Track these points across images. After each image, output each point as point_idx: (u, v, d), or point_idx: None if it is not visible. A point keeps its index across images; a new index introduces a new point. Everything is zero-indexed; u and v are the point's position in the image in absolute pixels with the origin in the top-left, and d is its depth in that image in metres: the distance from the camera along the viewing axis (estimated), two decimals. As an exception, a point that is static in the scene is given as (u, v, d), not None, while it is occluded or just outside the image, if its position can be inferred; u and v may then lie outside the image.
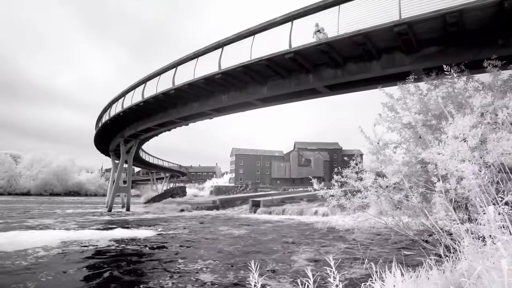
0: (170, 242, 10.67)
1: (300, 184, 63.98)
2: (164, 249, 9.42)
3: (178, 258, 8.14)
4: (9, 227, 13.91)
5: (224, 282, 5.83)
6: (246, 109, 16.87)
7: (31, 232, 12.28)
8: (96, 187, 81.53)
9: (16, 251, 8.49)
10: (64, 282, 5.86)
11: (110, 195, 29.19)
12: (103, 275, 6.36)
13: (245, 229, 14.23)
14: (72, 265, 7.18)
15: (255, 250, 9.01)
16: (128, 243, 10.26)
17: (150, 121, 21.04)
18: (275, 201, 26.51)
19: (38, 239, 10.50)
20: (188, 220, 18.95)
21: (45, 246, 9.35)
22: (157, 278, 6.07)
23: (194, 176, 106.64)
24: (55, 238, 10.82)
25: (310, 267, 1.48)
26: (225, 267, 7.01)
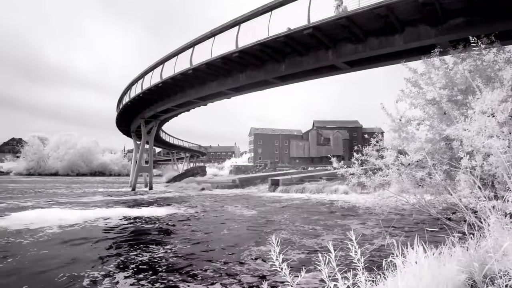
0: (193, 220, 10.97)
1: (319, 163, 63.79)
2: (188, 226, 9.71)
3: (202, 234, 8.37)
4: (44, 205, 14.68)
5: (246, 254, 5.99)
6: (264, 87, 16.72)
7: (62, 210, 12.93)
8: (119, 167, 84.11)
9: (49, 226, 8.98)
10: (93, 253, 6.18)
11: (133, 175, 30.10)
12: (126, 247, 6.66)
13: (265, 207, 14.41)
14: (100, 239, 7.54)
15: (276, 227, 9.14)
16: (151, 221, 10.62)
17: (169, 102, 21.25)
18: (294, 179, 26.60)
19: (69, 216, 11.06)
20: (209, 198, 19.36)
21: (76, 222, 9.83)
22: (179, 252, 6.32)
23: (214, 156, 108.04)
24: (84, 215, 11.36)
25: (331, 242, 1.49)
26: (248, 241, 7.18)
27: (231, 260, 5.77)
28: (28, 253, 6.26)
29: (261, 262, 5.61)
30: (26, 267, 5.34)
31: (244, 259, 5.83)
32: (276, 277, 4.69)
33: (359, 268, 1.53)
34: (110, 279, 4.82)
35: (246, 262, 5.66)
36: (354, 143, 68.55)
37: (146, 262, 5.69)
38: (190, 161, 70.86)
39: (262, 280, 4.69)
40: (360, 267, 1.52)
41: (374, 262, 1.98)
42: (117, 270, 5.26)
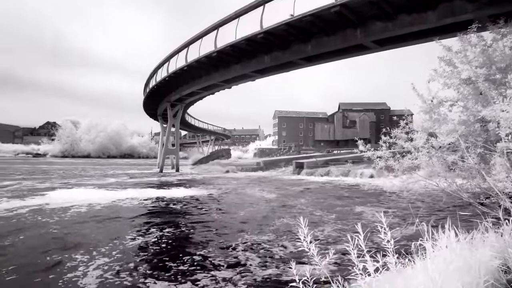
0: (213, 201, 11.21)
1: (345, 146, 62.78)
2: (207, 207, 9.93)
3: (219, 215, 8.55)
4: (77, 185, 15.49)
5: (273, 234, 6.08)
6: (289, 69, 16.46)
7: (93, 190, 13.60)
8: (147, 150, 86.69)
9: (81, 205, 9.49)
10: (125, 228, 6.50)
11: (160, 157, 30.96)
12: (156, 224, 6.95)
13: (287, 189, 14.46)
14: (133, 217, 7.89)
15: (301, 208, 9.17)
16: (174, 201, 10.96)
17: (194, 85, 21.42)
18: (319, 163, 26.40)
19: (100, 196, 11.64)
20: (233, 181, 19.65)
21: (106, 202, 10.32)
22: (205, 228, 6.51)
23: (238, 139, 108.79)
24: (113, 196, 11.89)
25: (359, 224, 1.48)
26: (274, 221, 7.27)
27: (238, 242, 5.87)
28: (66, 226, 6.68)
29: (267, 246, 5.68)
30: (69, 237, 5.72)
31: (251, 242, 5.92)
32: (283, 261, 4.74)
33: (389, 250, 1.51)
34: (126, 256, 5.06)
35: (252, 245, 5.75)
36: (382, 125, 66.41)
37: (162, 240, 5.92)
38: (215, 144, 71.83)
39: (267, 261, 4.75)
40: (390, 249, 1.51)
41: (402, 246, 1.96)
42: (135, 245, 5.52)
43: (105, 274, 4.22)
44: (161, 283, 3.93)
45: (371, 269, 1.44)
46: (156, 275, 4.22)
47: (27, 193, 12.23)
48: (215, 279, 4.09)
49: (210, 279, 4.07)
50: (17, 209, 8.84)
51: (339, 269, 4.07)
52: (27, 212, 8.41)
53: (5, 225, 6.93)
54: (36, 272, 4.24)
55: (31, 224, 7.13)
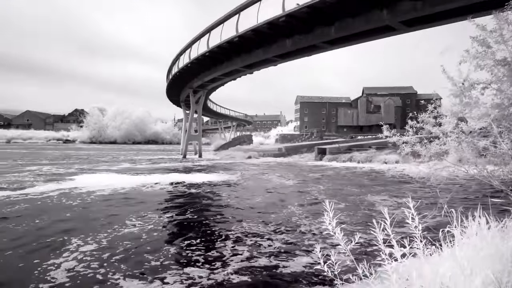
0: (233, 186, 11.34)
1: (368, 132, 61.52)
2: (226, 192, 10.06)
3: (235, 201, 8.65)
4: (104, 170, 16.10)
5: (298, 218, 6.12)
6: (312, 53, 16.13)
7: (118, 175, 14.07)
8: (170, 136, 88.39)
9: (106, 189, 9.87)
10: (154, 208, 6.74)
11: (183, 143, 31.51)
12: (182, 206, 7.14)
13: (308, 175, 14.39)
14: (161, 200, 8.15)
15: (314, 196, 9.13)
16: (195, 186, 11.18)
17: (215, 71, 21.44)
18: (342, 148, 26.04)
19: (125, 181, 12.05)
20: (254, 166, 19.76)
21: (132, 186, 10.68)
22: (224, 213, 6.62)
23: (260, 124, 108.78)
24: (138, 180, 12.28)
25: (386, 209, 1.45)
26: (298, 205, 7.30)
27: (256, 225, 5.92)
28: (94, 208, 7.00)
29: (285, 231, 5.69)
30: (101, 216, 5.99)
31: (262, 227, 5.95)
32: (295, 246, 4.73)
33: (416, 236, 1.48)
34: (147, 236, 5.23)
35: (265, 230, 5.78)
36: (407, 110, 64.48)
37: (178, 222, 6.07)
38: (236, 130, 72.18)
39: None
40: (418, 234, 1.47)
41: (428, 232, 1.91)
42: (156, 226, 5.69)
43: (109, 259, 4.39)
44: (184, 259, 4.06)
45: (398, 255, 1.42)
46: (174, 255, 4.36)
47: (57, 178, 12.82)
48: (233, 260, 4.17)
49: (225, 260, 4.16)
50: (47, 192, 9.31)
51: (359, 255, 4.05)
52: (55, 195, 8.86)
53: (30, 207, 7.31)
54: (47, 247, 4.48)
55: (54, 206, 7.53)
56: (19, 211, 6.92)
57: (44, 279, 3.52)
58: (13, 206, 7.43)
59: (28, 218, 6.29)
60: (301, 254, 4.39)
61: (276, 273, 3.78)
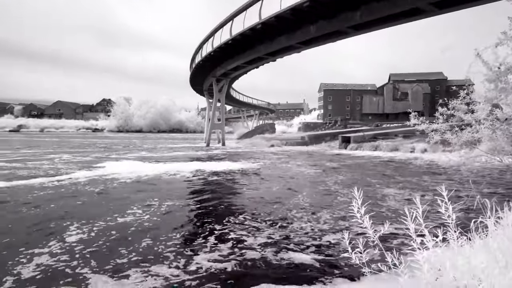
0: (252, 175, 11.38)
1: (395, 119, 59.83)
2: (246, 180, 10.12)
3: (252, 190, 8.68)
4: (130, 158, 16.61)
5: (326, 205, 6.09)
6: (337, 39, 15.74)
7: (142, 163, 14.48)
8: (194, 124, 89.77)
9: (132, 176, 10.20)
10: (181, 193, 6.93)
11: (207, 132, 31.89)
12: (197, 194, 7.29)
13: (331, 164, 14.21)
14: (178, 188, 8.35)
15: (328, 186, 8.97)
16: (221, 173, 11.32)
17: (238, 59, 21.39)
18: (367, 137, 25.50)
19: (149, 168, 12.40)
20: (276, 155, 19.74)
21: (155, 174, 10.97)
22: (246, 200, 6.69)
23: (282, 113, 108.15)
24: (162, 168, 12.59)
25: (418, 197, 1.39)
26: (323, 194, 7.26)
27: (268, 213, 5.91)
28: (112, 194, 7.27)
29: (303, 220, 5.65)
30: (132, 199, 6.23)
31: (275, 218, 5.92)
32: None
33: (450, 226, 1.43)
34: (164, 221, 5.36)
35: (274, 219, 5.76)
36: (437, 97, 61.92)
37: (196, 208, 6.18)
38: (259, 118, 72.14)
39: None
40: (452, 224, 1.42)
41: (459, 224, 1.83)
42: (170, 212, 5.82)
43: (116, 241, 4.53)
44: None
45: (430, 244, 1.38)
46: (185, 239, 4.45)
47: (87, 165, 13.35)
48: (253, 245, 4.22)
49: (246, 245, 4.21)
50: (77, 179, 9.73)
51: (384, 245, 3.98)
52: (82, 182, 9.25)
53: (54, 194, 7.66)
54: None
55: (76, 192, 7.87)
56: (41, 197, 7.23)
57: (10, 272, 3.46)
58: (40, 191, 7.80)
59: (46, 203, 6.59)
60: (320, 245, 4.37)
61: (280, 265, 3.79)
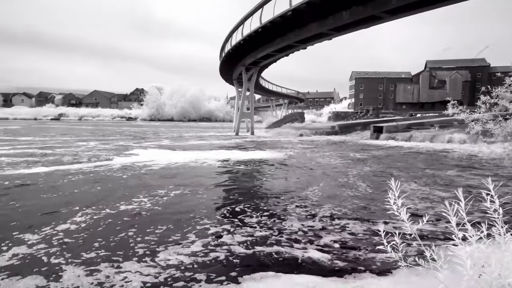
0: (287, 163, 11.32)
1: (430, 109, 57.29)
2: (271, 170, 10.08)
3: (275, 180, 8.62)
4: (160, 146, 17.10)
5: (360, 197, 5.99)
6: (370, 24, 15.14)
7: (172, 151, 14.86)
8: (223, 113, 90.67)
9: (162, 163, 10.50)
10: (214, 180, 7.07)
11: (236, 121, 32.10)
12: (218, 182, 7.38)
13: (359, 155, 13.84)
14: (201, 175, 8.50)
15: (371, 175, 8.74)
16: (246, 163, 11.38)
17: (268, 47, 21.19)
18: (400, 127, 24.59)
19: (178, 156, 12.71)
20: (306, 144, 19.53)
21: (184, 161, 11.23)
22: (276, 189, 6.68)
23: (312, 102, 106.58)
24: (191, 156, 12.86)
25: (460, 190, 1.30)
26: (360, 184, 7.12)
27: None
28: (134, 180, 7.51)
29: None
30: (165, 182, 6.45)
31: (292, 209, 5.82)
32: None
33: (496, 221, 1.33)
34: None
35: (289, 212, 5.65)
36: (478, 85, 58.51)
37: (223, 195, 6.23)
38: (288, 107, 71.57)
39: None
40: (498, 219, 1.33)
41: (505, 221, 1.71)
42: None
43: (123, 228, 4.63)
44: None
45: (474, 239, 1.30)
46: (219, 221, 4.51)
47: (123, 152, 13.90)
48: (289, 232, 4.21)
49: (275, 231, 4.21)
50: (111, 165, 10.19)
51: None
52: (115, 168, 9.69)
53: (82, 179, 8.03)
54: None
55: (104, 178, 8.24)
56: (69, 182, 7.62)
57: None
58: (73, 176, 8.29)
59: (69, 187, 6.99)
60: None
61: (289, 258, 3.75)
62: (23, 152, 13.76)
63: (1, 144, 17.32)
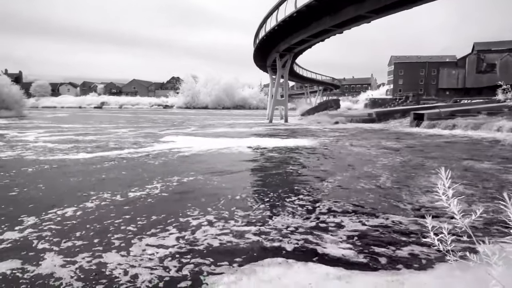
0: (318, 151, 11.13)
1: (478, 95, 53.48)
2: (309, 157, 9.92)
3: (312, 169, 8.45)
4: (196, 133, 17.47)
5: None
6: (413, 5, 14.30)
7: (205, 138, 15.10)
8: (257, 101, 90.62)
9: (199, 150, 10.72)
10: (247, 166, 7.16)
11: (269, 108, 31.97)
12: (245, 169, 7.41)
13: (401, 143, 13.24)
14: (228, 162, 8.59)
15: (400, 167, 8.30)
16: (278, 150, 11.34)
17: (303, 32, 20.73)
18: (443, 114, 23.24)
19: (217, 144, 12.94)
20: (341, 132, 19.07)
21: (219, 147, 11.40)
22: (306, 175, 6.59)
23: (348, 88, 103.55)
24: (229, 143, 13.01)
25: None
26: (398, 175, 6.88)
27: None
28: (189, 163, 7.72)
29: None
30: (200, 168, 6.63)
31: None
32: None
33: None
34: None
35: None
36: (533, 68, 53.26)
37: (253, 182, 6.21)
38: (323, 94, 70.08)
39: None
40: None
41: None
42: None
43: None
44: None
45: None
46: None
47: (155, 140, 14.42)
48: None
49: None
50: (148, 152, 10.63)
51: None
52: (152, 155, 10.10)
53: (116, 165, 8.38)
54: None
55: (136, 163, 8.58)
56: (102, 167, 8.03)
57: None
58: (110, 162, 8.77)
59: (99, 172, 7.37)
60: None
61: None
62: (66, 138, 14.66)
63: (48, 131, 18.59)
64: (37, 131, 18.33)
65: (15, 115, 36.12)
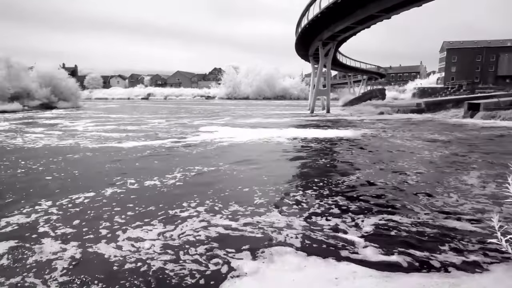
0: (359, 143, 10.76)
1: (544, 82, 48.36)
2: (348, 149, 9.60)
3: (350, 163, 8.13)
4: (237, 124, 17.66)
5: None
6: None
7: (246, 129, 15.23)
8: (298, 91, 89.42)
9: (238, 140, 10.82)
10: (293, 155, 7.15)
11: (311, 99, 31.38)
12: (280, 159, 7.29)
13: (451, 136, 12.34)
14: (289, 151, 8.55)
15: (439, 162, 7.71)
16: (318, 141, 11.14)
17: (347, 19, 19.96)
18: (502, 103, 21.32)
19: (257, 135, 13.00)
20: (385, 123, 18.25)
21: (259, 139, 11.42)
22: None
23: (394, 77, 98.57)
24: (270, 134, 13.05)
25: None
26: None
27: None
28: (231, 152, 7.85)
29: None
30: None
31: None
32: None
33: None
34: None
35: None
36: None
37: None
38: (367, 84, 67.38)
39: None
40: None
41: None
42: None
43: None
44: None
45: None
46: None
47: (198, 130, 14.80)
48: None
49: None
50: (193, 141, 10.93)
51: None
52: (194, 144, 10.44)
53: (157, 154, 8.64)
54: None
55: (175, 153, 8.87)
56: (144, 156, 8.44)
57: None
58: (153, 150, 9.23)
59: (136, 161, 7.71)
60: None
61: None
62: (114, 128, 15.53)
63: (99, 121, 19.83)
64: (96, 120, 19.66)
65: (71, 106, 38.98)
